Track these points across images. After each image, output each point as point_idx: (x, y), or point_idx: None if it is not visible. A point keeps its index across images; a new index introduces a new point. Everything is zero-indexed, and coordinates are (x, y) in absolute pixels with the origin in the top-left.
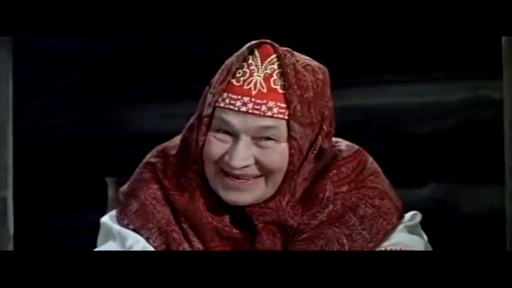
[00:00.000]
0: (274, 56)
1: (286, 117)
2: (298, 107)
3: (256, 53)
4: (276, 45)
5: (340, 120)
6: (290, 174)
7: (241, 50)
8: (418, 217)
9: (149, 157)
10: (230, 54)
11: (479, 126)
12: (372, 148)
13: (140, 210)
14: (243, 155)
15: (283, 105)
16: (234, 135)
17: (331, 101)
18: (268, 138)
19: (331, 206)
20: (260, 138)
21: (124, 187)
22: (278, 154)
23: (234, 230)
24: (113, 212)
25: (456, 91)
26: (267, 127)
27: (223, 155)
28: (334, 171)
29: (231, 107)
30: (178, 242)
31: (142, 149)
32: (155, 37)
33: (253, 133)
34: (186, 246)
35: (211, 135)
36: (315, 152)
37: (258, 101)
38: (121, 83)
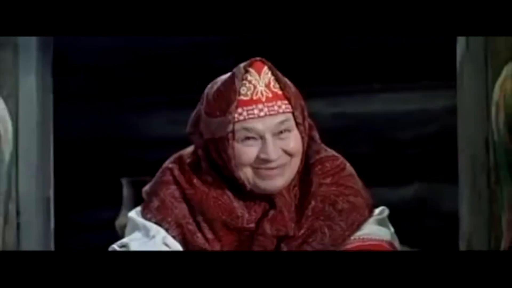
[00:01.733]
0: (265, 68)
1: (291, 110)
2: (293, 100)
3: (251, 70)
4: (264, 59)
5: (332, 126)
6: (302, 154)
7: (237, 74)
8: (386, 211)
9: (168, 163)
10: (232, 66)
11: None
12: (361, 151)
13: (161, 207)
14: (275, 149)
15: (286, 101)
16: (260, 137)
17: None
18: (284, 131)
19: (313, 202)
20: (278, 133)
21: (147, 188)
22: (294, 141)
23: (238, 222)
24: (138, 208)
25: (438, 99)
26: (282, 122)
27: (257, 156)
28: (319, 166)
29: (251, 116)
30: (192, 232)
31: (152, 152)
32: (163, 51)
33: (273, 130)
34: (199, 236)
35: (239, 146)
36: (308, 137)
37: (269, 104)
38: (133, 92)
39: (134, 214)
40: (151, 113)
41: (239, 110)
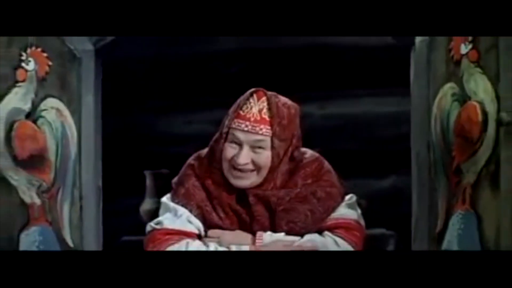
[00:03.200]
0: (264, 97)
1: (270, 135)
2: (277, 129)
3: (254, 96)
4: (266, 91)
5: (322, 126)
6: (271, 170)
7: (245, 94)
8: (354, 198)
9: (190, 160)
10: (238, 72)
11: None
12: (347, 148)
13: (186, 194)
14: (245, 157)
15: (269, 127)
16: (240, 144)
17: (299, 128)
18: (259, 147)
19: (297, 190)
20: (254, 147)
21: (175, 179)
22: (265, 157)
23: (239, 206)
24: (168, 195)
25: (409, 104)
26: (259, 140)
27: (233, 157)
28: (302, 171)
29: (239, 127)
30: (209, 212)
31: (170, 148)
32: (180, 61)
33: (251, 144)
34: (214, 215)
35: (227, 145)
36: (287, 157)
37: (254, 124)
38: (154, 97)
39: (166, 199)
40: (170, 115)
41: (235, 120)
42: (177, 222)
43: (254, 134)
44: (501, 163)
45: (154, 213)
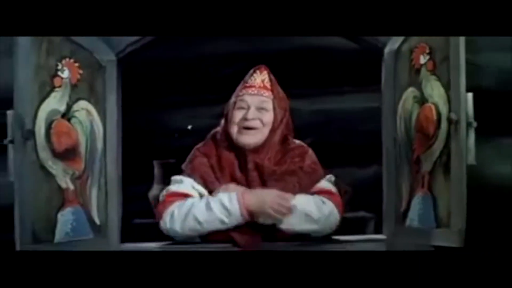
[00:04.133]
0: (265, 71)
1: (272, 98)
2: (276, 96)
3: (257, 70)
4: (266, 66)
5: (311, 120)
6: (271, 131)
7: (251, 70)
8: (333, 177)
9: (198, 146)
10: (237, 73)
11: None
12: (334, 140)
13: (192, 168)
14: (253, 114)
15: (270, 93)
16: (247, 107)
17: (289, 116)
18: (263, 108)
19: (287, 165)
20: (260, 108)
21: (187, 161)
22: (268, 116)
23: (238, 172)
24: (178, 175)
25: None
26: (263, 101)
27: (242, 117)
28: (291, 152)
29: (247, 92)
30: (211, 182)
31: (175, 141)
32: (186, 64)
33: (256, 105)
34: (216, 183)
35: (236, 111)
36: (283, 125)
37: (259, 90)
38: (159, 94)
39: (175, 176)
40: (175, 111)
41: (243, 91)
42: (182, 187)
43: (259, 96)
44: (451, 154)
45: None
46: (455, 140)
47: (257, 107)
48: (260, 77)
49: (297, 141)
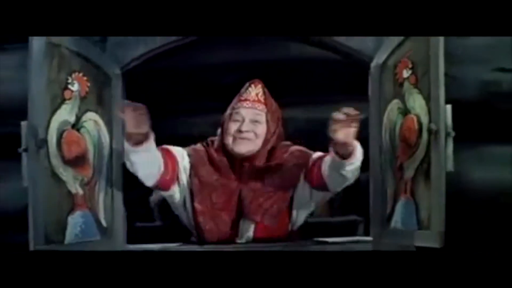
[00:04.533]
0: (259, 85)
1: (265, 112)
2: (270, 109)
3: (252, 84)
4: (260, 81)
5: (306, 128)
6: (264, 142)
7: (246, 84)
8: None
9: (193, 146)
10: (234, 82)
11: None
12: (325, 147)
13: (194, 156)
14: (247, 126)
15: (263, 106)
16: (242, 119)
17: (281, 126)
18: (256, 121)
19: (280, 159)
20: (253, 121)
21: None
22: (261, 128)
23: (231, 172)
24: None
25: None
26: (257, 114)
27: (236, 128)
28: (284, 149)
29: (242, 105)
30: (204, 162)
31: (175, 144)
32: (186, 74)
33: (250, 117)
34: (208, 167)
35: (231, 123)
36: (275, 136)
37: (253, 103)
38: (163, 105)
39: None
40: (175, 118)
41: (238, 104)
42: (175, 149)
43: (253, 109)
44: (432, 162)
45: (161, 202)
46: (435, 149)
47: (251, 119)
48: (255, 91)
49: (283, 142)
